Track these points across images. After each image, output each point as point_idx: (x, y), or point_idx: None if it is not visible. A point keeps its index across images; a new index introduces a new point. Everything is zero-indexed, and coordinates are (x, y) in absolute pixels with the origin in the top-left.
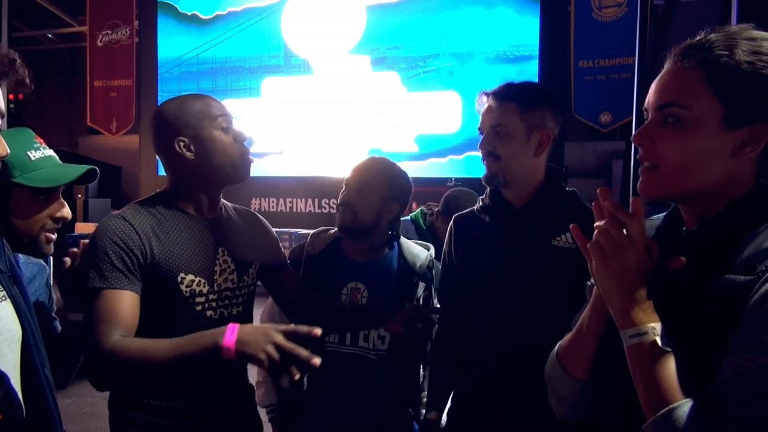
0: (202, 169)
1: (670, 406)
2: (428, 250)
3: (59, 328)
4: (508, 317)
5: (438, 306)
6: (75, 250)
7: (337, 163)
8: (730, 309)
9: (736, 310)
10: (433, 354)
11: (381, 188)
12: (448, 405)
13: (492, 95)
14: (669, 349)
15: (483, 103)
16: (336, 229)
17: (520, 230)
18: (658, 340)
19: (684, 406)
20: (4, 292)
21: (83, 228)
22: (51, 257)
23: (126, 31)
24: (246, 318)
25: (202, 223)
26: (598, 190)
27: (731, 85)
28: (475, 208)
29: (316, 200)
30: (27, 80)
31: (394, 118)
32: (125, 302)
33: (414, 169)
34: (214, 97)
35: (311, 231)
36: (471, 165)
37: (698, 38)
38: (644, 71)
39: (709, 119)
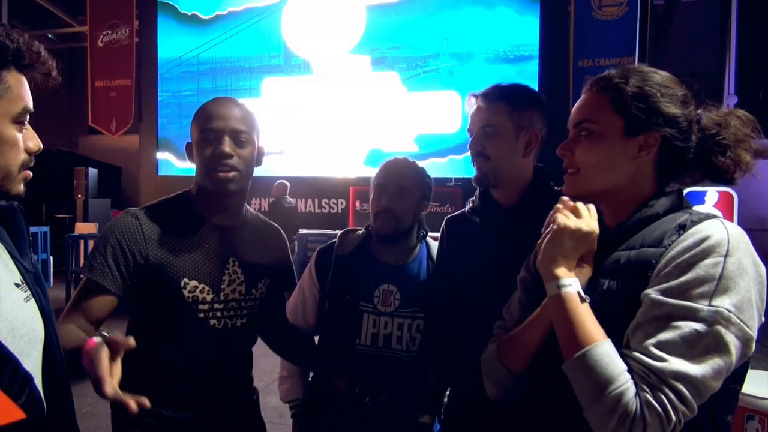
0: (196, 172)
1: (586, 347)
2: None
3: None
4: (498, 317)
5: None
6: None
7: (337, 163)
8: (643, 274)
9: (648, 274)
10: (424, 356)
11: (416, 189)
12: (445, 402)
13: (481, 96)
14: (587, 299)
15: (472, 105)
16: (363, 229)
17: (509, 230)
18: (580, 291)
19: (601, 345)
20: (29, 291)
21: (83, 228)
22: (51, 258)
23: (126, 31)
24: (251, 330)
25: (217, 230)
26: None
27: (626, 104)
28: (466, 209)
29: (316, 200)
30: (54, 72)
31: (394, 118)
32: (101, 299)
33: None
34: (231, 107)
35: (311, 231)
36: (471, 165)
37: (603, 74)
38: None
39: (613, 130)
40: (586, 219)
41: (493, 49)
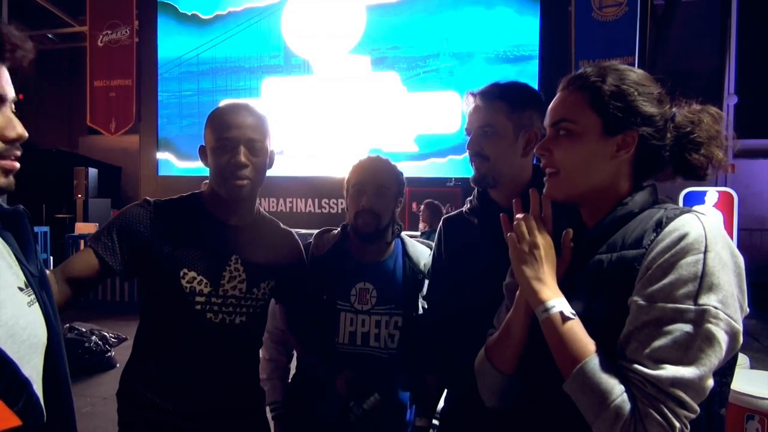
0: (210, 176)
1: (580, 364)
2: (431, 248)
3: None
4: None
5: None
6: None
7: (337, 163)
8: (627, 278)
9: (632, 277)
10: (421, 360)
11: (393, 187)
12: (441, 405)
13: (479, 95)
14: (574, 317)
15: (470, 104)
16: (338, 229)
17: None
18: (564, 311)
19: (591, 361)
20: (34, 296)
21: (83, 228)
22: (51, 258)
23: (126, 31)
24: (251, 329)
25: (224, 228)
26: (514, 201)
27: (604, 103)
28: (464, 210)
29: (316, 200)
30: (31, 55)
31: (394, 118)
32: (89, 261)
33: (414, 169)
34: (246, 116)
35: (311, 231)
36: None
37: (579, 72)
38: (644, 70)
39: (591, 130)
40: (534, 236)
41: (493, 49)
